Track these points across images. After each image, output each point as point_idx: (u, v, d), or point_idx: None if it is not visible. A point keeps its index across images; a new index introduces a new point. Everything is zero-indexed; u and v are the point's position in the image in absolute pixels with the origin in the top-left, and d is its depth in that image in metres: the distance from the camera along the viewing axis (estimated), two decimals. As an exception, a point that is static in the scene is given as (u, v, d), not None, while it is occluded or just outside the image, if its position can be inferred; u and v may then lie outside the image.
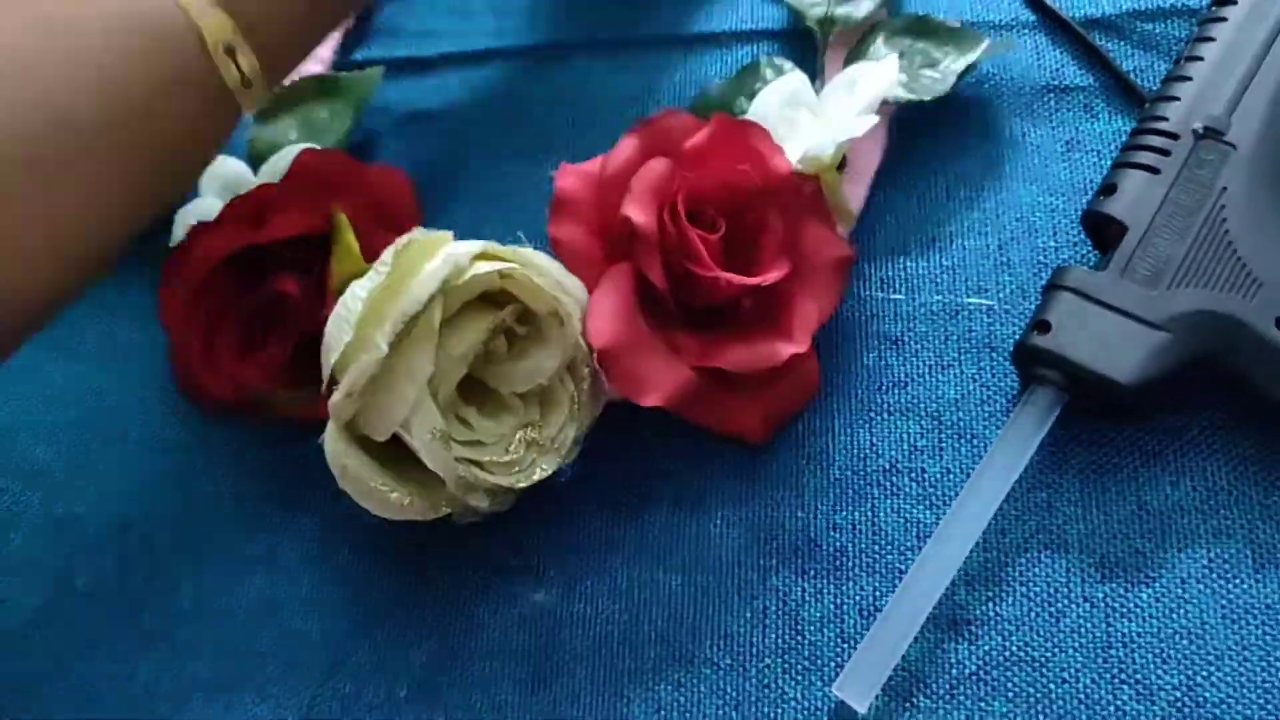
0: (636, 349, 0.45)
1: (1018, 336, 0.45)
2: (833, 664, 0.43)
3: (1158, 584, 0.42)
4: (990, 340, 0.48)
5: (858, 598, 0.44)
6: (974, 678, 0.42)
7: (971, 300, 0.48)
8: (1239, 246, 0.43)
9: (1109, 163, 0.50)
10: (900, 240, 0.51)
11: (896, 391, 0.48)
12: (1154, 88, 0.51)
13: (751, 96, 0.52)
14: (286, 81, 0.57)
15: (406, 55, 0.62)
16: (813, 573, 0.45)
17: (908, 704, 0.42)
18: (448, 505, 0.45)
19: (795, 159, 0.48)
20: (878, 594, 0.44)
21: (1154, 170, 0.45)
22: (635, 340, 0.45)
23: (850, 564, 0.45)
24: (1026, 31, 0.54)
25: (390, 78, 0.61)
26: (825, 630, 0.44)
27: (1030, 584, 0.43)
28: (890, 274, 0.50)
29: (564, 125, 0.58)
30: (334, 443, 0.43)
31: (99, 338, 0.57)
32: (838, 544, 0.45)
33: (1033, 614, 0.43)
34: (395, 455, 0.44)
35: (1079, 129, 0.51)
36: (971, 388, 0.47)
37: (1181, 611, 0.42)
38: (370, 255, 0.46)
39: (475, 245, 0.44)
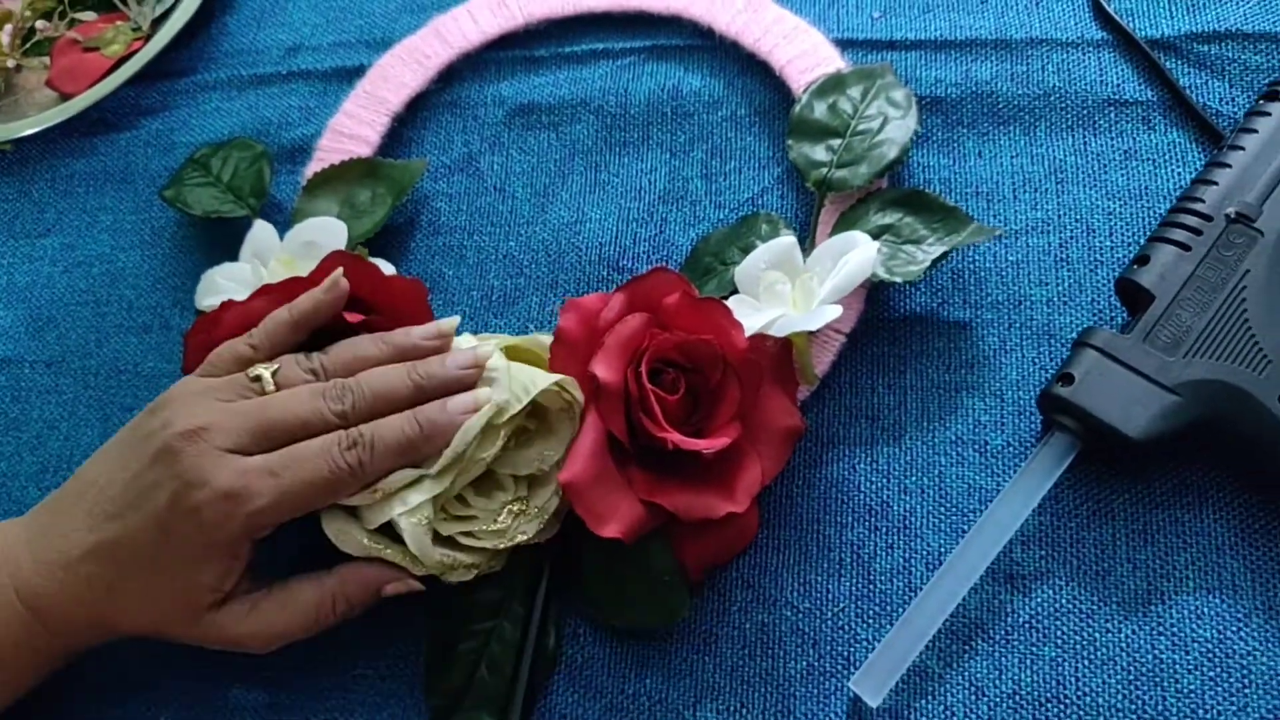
0: (597, 484, 0.48)
1: (1076, 330, 0.51)
2: (902, 610, 0.48)
3: (1194, 549, 0.47)
4: (1049, 328, 0.53)
5: (924, 553, 0.50)
6: (1027, 626, 0.47)
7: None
8: (1254, 325, 0.47)
9: (1164, 171, 0.55)
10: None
11: (964, 371, 0.53)
12: (1207, 104, 0.56)
13: (745, 250, 0.55)
14: (336, 160, 0.63)
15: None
16: (884, 530, 0.51)
17: (967, 648, 0.47)
18: (435, 570, 0.49)
19: (765, 324, 0.50)
20: (942, 550, 0.49)
21: (1185, 247, 0.49)
22: (597, 476, 0.48)
23: (918, 524, 0.50)
24: (1091, 49, 0.59)
25: (505, 76, 0.67)
26: (895, 580, 0.50)
27: (1079, 545, 0.48)
28: (960, 266, 0.55)
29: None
30: (331, 522, 0.48)
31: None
32: (908, 506, 0.51)
33: (1081, 571, 0.48)
34: (386, 526, 0.49)
35: (1137, 140, 0.56)
36: (1031, 369, 0.52)
37: (1215, 574, 0.47)
38: None
39: (496, 340, 0.50)
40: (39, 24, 0.74)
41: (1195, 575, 0.47)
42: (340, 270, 0.51)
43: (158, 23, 0.73)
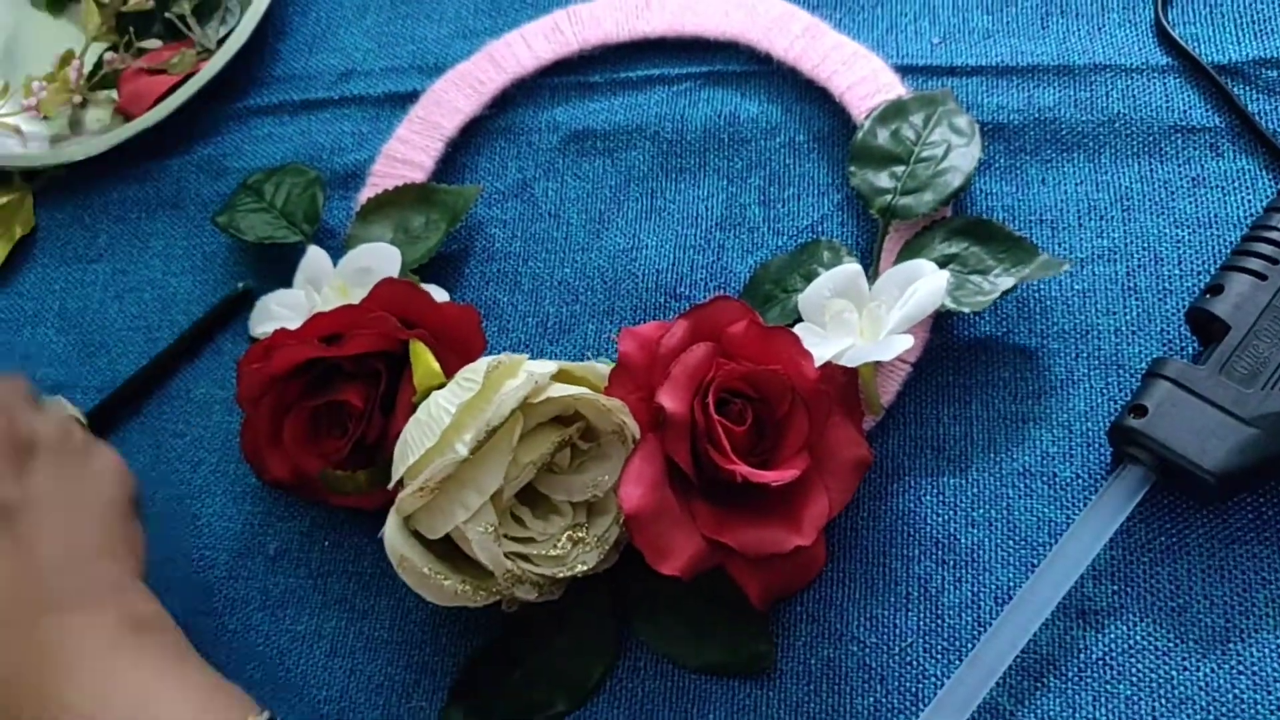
0: (660, 518, 0.47)
1: (1145, 360, 0.50)
2: (970, 645, 0.47)
3: (1273, 585, 0.46)
4: (1117, 358, 0.52)
5: (993, 587, 0.49)
6: (1100, 663, 0.46)
7: None
8: (1335, 356, 0.46)
9: (1233, 199, 0.54)
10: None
11: (1031, 402, 0.52)
12: (1277, 130, 0.55)
13: (808, 277, 0.54)
14: (390, 186, 0.63)
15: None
16: (952, 563, 0.50)
17: (1039, 685, 0.46)
18: (498, 594, 0.49)
19: (835, 354, 0.49)
20: (1012, 585, 0.48)
21: (1262, 276, 0.48)
22: (660, 509, 0.47)
23: (987, 557, 0.49)
24: (1157, 75, 0.58)
25: (559, 101, 0.66)
26: (963, 615, 0.49)
27: (1154, 581, 0.47)
28: (1025, 295, 0.54)
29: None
30: (394, 535, 0.48)
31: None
32: (976, 539, 0.50)
33: (1156, 608, 0.47)
34: (448, 551, 0.49)
35: (1205, 167, 0.55)
36: (1099, 400, 0.51)
37: (1296, 611, 0.46)
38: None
39: (551, 365, 0.49)
40: (107, 56, 0.74)
41: (1276, 612, 0.46)
42: None
43: (222, 42, 0.72)
